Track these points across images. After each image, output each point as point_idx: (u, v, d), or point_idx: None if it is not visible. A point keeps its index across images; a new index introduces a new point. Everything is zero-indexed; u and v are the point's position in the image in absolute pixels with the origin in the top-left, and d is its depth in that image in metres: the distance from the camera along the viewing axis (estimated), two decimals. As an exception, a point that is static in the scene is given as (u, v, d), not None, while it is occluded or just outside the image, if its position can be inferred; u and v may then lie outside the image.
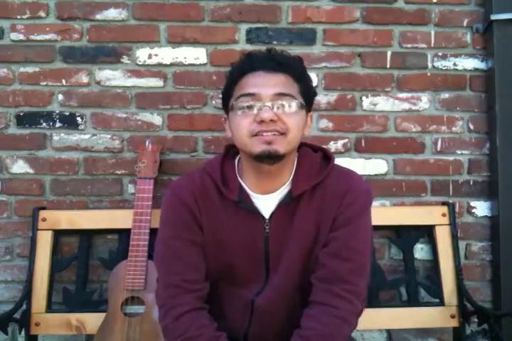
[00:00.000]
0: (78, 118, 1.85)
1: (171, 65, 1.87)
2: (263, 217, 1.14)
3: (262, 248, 1.14)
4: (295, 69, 1.11)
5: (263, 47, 1.83)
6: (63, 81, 1.85)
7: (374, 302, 1.75)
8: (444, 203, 1.85)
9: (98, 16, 1.85)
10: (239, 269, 1.16)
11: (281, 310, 1.16)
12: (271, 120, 1.03)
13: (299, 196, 1.13)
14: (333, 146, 1.88)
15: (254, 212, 1.14)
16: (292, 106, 1.07)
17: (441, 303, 1.75)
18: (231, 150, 1.22)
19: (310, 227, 1.13)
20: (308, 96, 1.13)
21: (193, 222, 1.15)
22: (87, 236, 1.80)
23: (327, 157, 1.21)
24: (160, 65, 1.86)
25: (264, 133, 1.04)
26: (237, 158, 1.21)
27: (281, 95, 1.06)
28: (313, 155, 1.20)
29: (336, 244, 1.11)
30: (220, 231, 1.15)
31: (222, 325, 1.19)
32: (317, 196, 1.14)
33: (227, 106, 1.14)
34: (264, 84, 1.06)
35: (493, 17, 1.82)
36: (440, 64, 1.90)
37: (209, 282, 1.17)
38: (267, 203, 1.15)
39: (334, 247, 1.11)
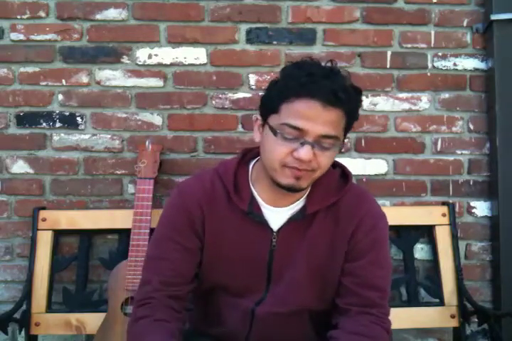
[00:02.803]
0: (78, 118, 1.85)
1: (171, 64, 1.87)
2: (271, 229, 1.12)
3: (265, 259, 1.12)
4: (350, 105, 1.04)
5: (263, 47, 1.86)
6: (63, 81, 1.85)
7: (374, 302, 1.75)
8: (444, 203, 1.85)
9: (98, 16, 1.85)
10: (238, 278, 1.14)
11: (285, 325, 1.14)
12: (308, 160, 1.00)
13: (313, 213, 1.11)
14: (333, 146, 1.88)
15: (263, 223, 1.12)
16: (333, 149, 1.03)
17: (441, 303, 1.75)
18: (248, 155, 1.17)
19: (322, 247, 1.11)
20: (351, 126, 1.09)
21: (189, 228, 1.12)
22: (87, 236, 1.80)
23: (345, 174, 1.18)
24: (160, 64, 1.86)
25: (297, 168, 1.00)
26: (252, 163, 1.17)
27: (326, 137, 1.00)
28: (331, 172, 1.15)
29: (364, 273, 1.11)
30: (224, 238, 1.13)
31: (221, 330, 1.18)
32: (331, 216, 1.12)
33: (266, 114, 1.05)
34: (315, 120, 0.98)
35: (493, 17, 1.82)
36: (440, 64, 1.90)
37: (192, 285, 1.15)
38: (277, 216, 1.12)
39: (364, 277, 1.11)
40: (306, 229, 1.12)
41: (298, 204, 1.13)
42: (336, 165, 1.18)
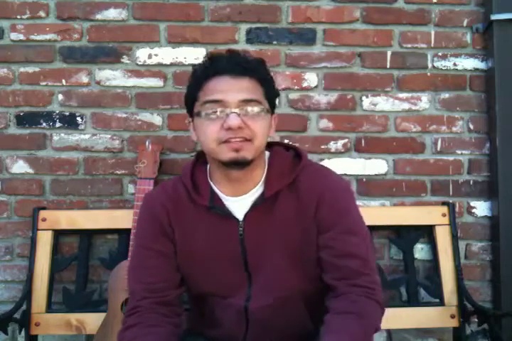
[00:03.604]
0: (78, 118, 1.85)
1: (171, 64, 1.87)
2: (237, 219, 1.13)
3: (238, 250, 1.13)
4: (259, 73, 1.10)
5: (263, 47, 1.86)
6: (63, 81, 1.85)
7: (374, 302, 1.75)
8: (444, 203, 1.85)
9: (98, 16, 1.85)
10: (217, 278, 1.14)
11: (280, 317, 1.14)
12: (238, 127, 1.03)
13: (274, 196, 1.12)
14: (333, 146, 1.88)
15: (228, 215, 1.13)
16: (258, 112, 1.06)
17: (441, 303, 1.75)
18: (202, 156, 1.21)
19: (291, 227, 1.12)
20: (272, 99, 1.13)
21: (160, 233, 1.15)
22: (87, 236, 1.80)
23: (299, 154, 1.19)
24: (160, 65, 1.86)
25: (232, 140, 1.03)
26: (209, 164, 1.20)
27: (247, 101, 1.05)
28: (285, 154, 1.18)
29: (337, 243, 1.10)
30: (193, 239, 1.14)
31: (218, 332, 1.18)
32: (293, 195, 1.13)
33: (191, 110, 1.13)
34: (230, 90, 1.05)
35: (493, 17, 1.82)
36: (440, 64, 1.90)
37: (180, 290, 1.17)
38: (240, 205, 1.14)
39: (337, 247, 1.10)
40: (270, 212, 1.12)
41: (258, 190, 1.14)
42: (289, 147, 1.22)
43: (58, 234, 1.79)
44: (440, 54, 1.91)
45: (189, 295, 1.25)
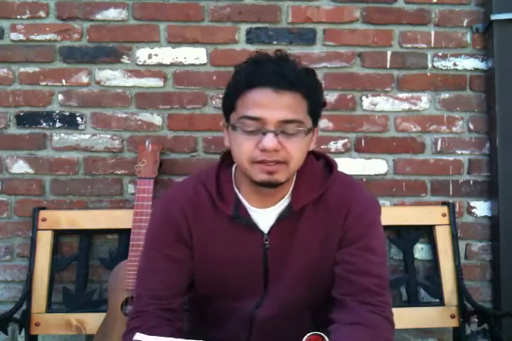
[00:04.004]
0: (78, 118, 1.85)
1: (171, 64, 1.87)
2: (261, 231, 1.09)
3: (260, 262, 1.10)
4: (305, 86, 1.01)
5: (263, 47, 1.86)
6: (63, 81, 1.85)
7: (374, 302, 1.75)
8: (444, 203, 1.85)
9: (98, 16, 1.85)
10: (233, 284, 1.11)
11: (285, 325, 1.12)
12: (274, 149, 0.96)
13: (301, 208, 1.09)
14: (333, 146, 1.88)
15: (252, 226, 1.09)
16: (298, 134, 0.99)
17: (441, 303, 1.75)
18: (228, 158, 1.13)
19: (315, 241, 1.09)
20: (317, 112, 1.06)
21: (176, 239, 1.10)
22: (87, 236, 1.80)
23: (329, 164, 1.15)
24: (160, 65, 1.86)
25: (266, 162, 0.97)
26: (234, 166, 1.13)
27: (287, 122, 0.97)
28: (315, 164, 1.13)
29: (355, 259, 1.06)
30: (213, 246, 1.10)
31: (221, 335, 1.17)
32: (321, 207, 1.09)
33: (227, 115, 1.05)
34: (270, 106, 0.96)
35: (493, 17, 1.82)
36: (440, 64, 1.90)
37: (183, 298, 1.14)
38: (265, 217, 1.09)
39: (355, 263, 1.06)
40: (297, 225, 1.09)
41: (284, 202, 1.10)
42: (319, 156, 1.16)
43: (58, 234, 1.79)
44: (440, 54, 1.91)
45: (193, 296, 1.22)
